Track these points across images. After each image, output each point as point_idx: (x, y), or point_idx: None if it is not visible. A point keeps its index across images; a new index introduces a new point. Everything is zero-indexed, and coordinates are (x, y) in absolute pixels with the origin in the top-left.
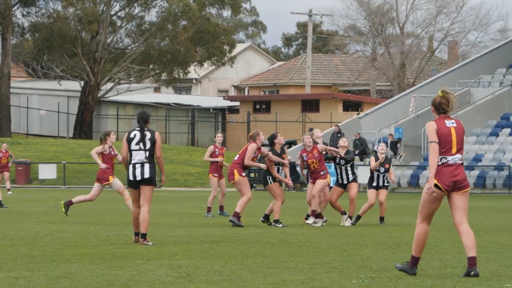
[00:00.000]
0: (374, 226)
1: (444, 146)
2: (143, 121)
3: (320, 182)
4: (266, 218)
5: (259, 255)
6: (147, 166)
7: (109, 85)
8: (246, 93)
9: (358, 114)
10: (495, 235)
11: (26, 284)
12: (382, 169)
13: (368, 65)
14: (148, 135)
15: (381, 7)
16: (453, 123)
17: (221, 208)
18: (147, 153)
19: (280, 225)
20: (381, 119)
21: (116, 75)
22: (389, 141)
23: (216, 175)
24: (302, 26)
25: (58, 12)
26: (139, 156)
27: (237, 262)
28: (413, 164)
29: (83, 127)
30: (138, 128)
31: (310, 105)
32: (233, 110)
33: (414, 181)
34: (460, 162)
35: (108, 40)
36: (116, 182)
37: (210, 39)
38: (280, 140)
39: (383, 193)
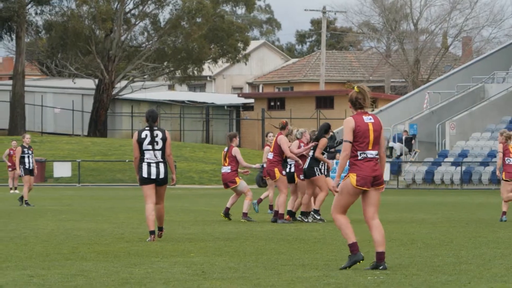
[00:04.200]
0: (389, 222)
1: (362, 142)
2: (152, 120)
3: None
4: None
5: (274, 252)
6: (162, 166)
7: (123, 83)
8: (260, 90)
9: (373, 110)
10: (510, 231)
11: (41, 282)
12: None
13: (382, 61)
14: (159, 134)
15: (395, 3)
16: (370, 119)
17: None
18: (160, 152)
19: (319, 217)
20: (395, 115)
21: (130, 73)
22: (403, 138)
23: None
24: (316, 23)
25: (72, 10)
26: (153, 155)
27: (252, 259)
28: (428, 160)
29: (98, 125)
30: (148, 128)
31: (325, 102)
32: (247, 107)
33: (429, 177)
34: (377, 157)
35: (122, 38)
36: (242, 183)
37: (224, 36)
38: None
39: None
